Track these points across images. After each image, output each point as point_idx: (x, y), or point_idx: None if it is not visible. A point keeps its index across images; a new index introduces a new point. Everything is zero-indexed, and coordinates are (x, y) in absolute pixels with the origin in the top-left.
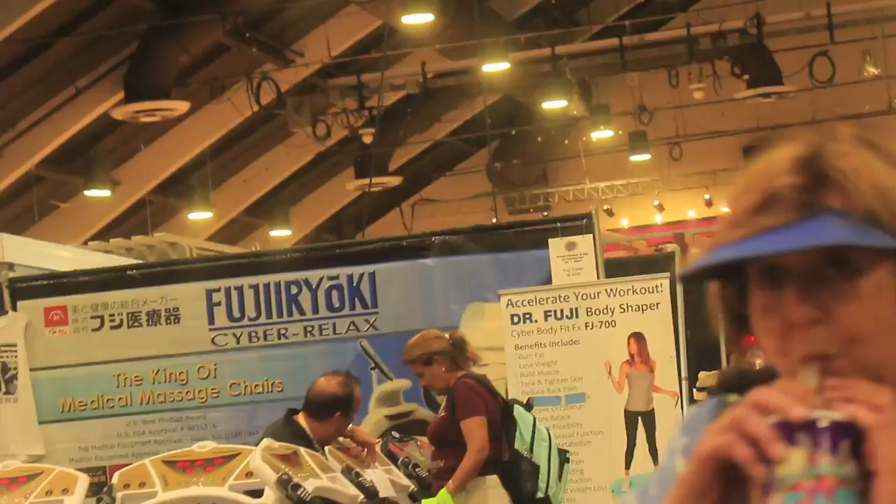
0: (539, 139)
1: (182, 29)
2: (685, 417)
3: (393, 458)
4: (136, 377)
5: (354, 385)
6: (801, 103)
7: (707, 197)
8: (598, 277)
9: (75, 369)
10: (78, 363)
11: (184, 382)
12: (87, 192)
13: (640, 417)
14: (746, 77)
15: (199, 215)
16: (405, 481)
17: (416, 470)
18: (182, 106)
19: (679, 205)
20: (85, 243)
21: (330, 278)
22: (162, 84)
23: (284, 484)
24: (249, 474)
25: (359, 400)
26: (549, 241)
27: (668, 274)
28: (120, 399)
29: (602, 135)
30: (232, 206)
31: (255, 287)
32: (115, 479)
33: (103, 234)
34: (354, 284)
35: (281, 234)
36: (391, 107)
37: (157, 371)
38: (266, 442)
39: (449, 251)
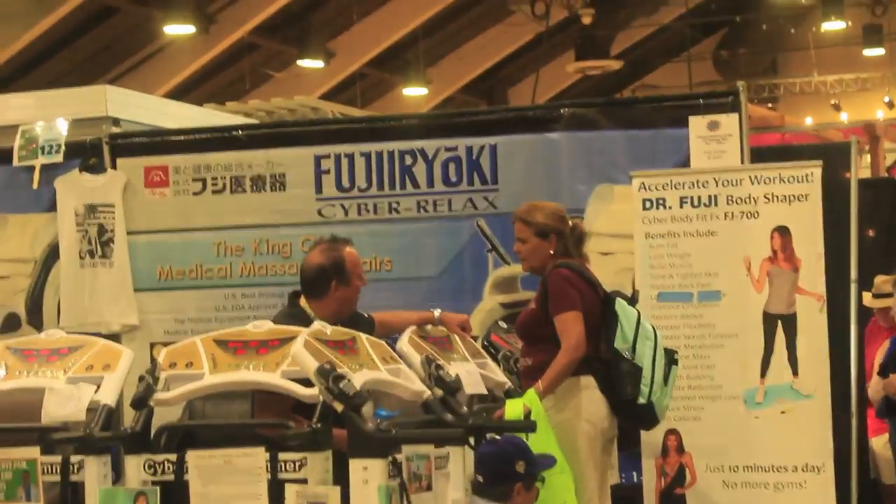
0: (764, 27)
1: None
2: None
3: (495, 351)
4: (237, 247)
5: (342, 247)
6: None
7: None
8: (742, 162)
9: (174, 235)
10: (177, 228)
11: (287, 256)
12: (300, 62)
13: (780, 321)
14: None
15: (414, 91)
16: (501, 377)
17: (517, 366)
18: None
19: None
20: None
21: (448, 149)
22: None
23: (325, 374)
24: None
25: (354, 261)
26: (690, 118)
27: (820, 161)
28: (220, 270)
29: (834, 26)
30: (448, 83)
31: (367, 155)
32: (161, 357)
33: None
34: (474, 157)
35: None
36: None
37: (260, 241)
38: (318, 325)
39: (578, 125)
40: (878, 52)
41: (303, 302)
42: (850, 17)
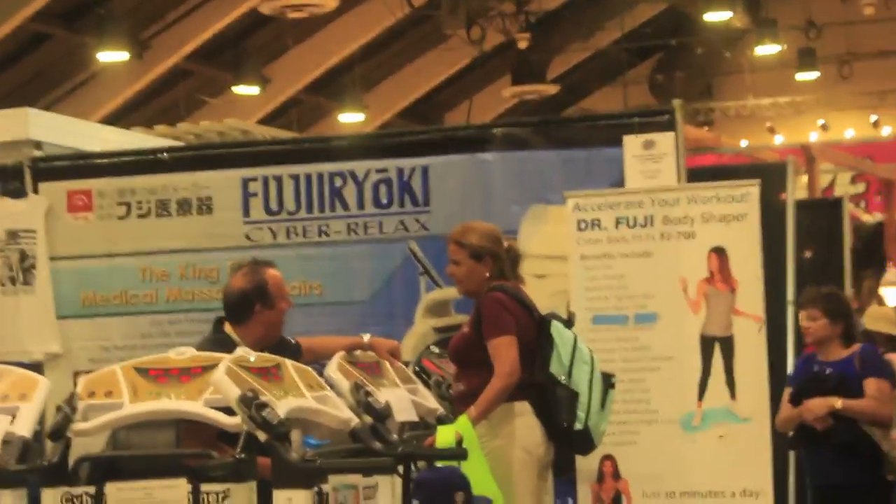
0: (699, 52)
1: None
2: None
3: (427, 376)
4: (163, 272)
5: (264, 270)
6: None
7: (874, 118)
8: (678, 182)
9: (98, 260)
10: (101, 254)
11: (214, 280)
12: (235, 89)
13: (717, 343)
14: None
15: (351, 117)
16: (433, 404)
17: (450, 391)
18: (331, 2)
19: (844, 125)
20: None
21: (378, 171)
22: None
23: (248, 402)
24: None
25: (277, 283)
26: (624, 138)
27: (757, 181)
28: (145, 296)
29: (768, 50)
30: (384, 109)
31: (296, 177)
32: (79, 386)
33: None
34: (405, 179)
35: None
36: (550, 11)
37: (186, 266)
38: (241, 351)
39: (511, 145)
40: (813, 75)
41: (228, 328)
42: (785, 40)
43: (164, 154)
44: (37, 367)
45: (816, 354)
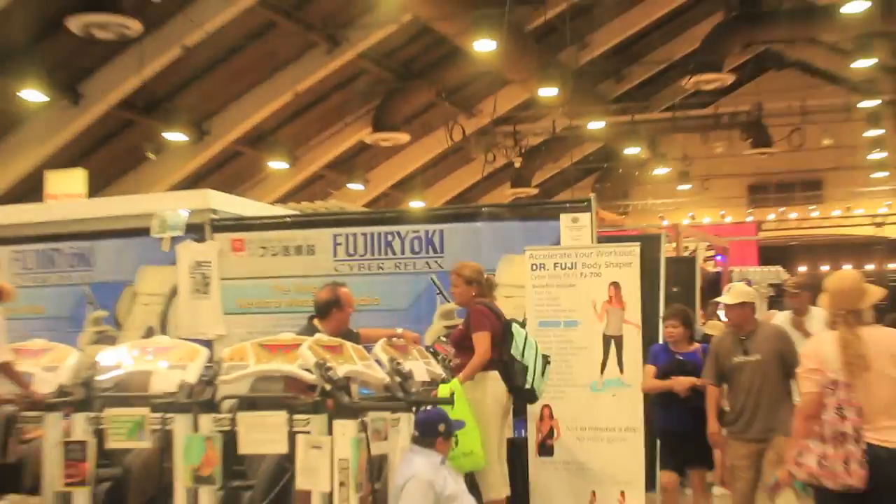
0: (621, 171)
1: (410, 91)
2: None
3: (437, 355)
4: (284, 289)
5: (339, 288)
6: (781, 159)
7: (722, 213)
8: (591, 242)
9: (247, 281)
10: (249, 276)
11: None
12: (348, 185)
13: (612, 340)
14: (750, 140)
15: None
16: (439, 371)
17: (450, 364)
18: (404, 137)
19: (703, 216)
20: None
21: (413, 231)
22: (394, 123)
23: (320, 367)
24: None
25: (347, 298)
26: (561, 215)
27: (638, 244)
28: (274, 302)
29: (660, 171)
30: (438, 200)
31: (366, 234)
32: (224, 354)
33: None
34: (429, 237)
35: None
36: (534, 146)
37: (298, 286)
38: (318, 336)
39: (493, 218)
40: (687, 187)
41: (315, 322)
42: (671, 165)
43: (287, 218)
44: (209, 344)
45: (669, 347)
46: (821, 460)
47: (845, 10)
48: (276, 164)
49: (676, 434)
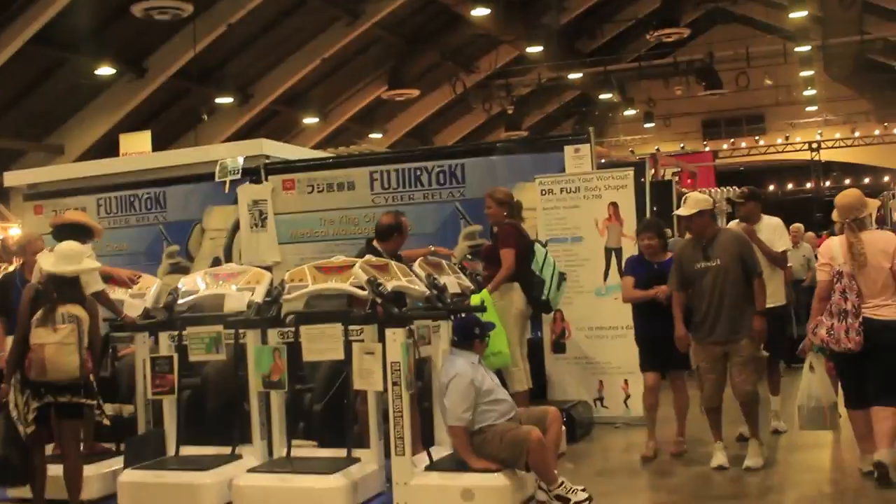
0: (597, 114)
1: (419, 54)
2: None
3: (465, 270)
4: (330, 220)
5: (401, 216)
6: (730, 98)
7: (682, 146)
8: (592, 169)
9: (298, 214)
10: (300, 210)
11: (356, 224)
12: (370, 136)
13: (613, 252)
14: (703, 83)
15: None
16: (468, 283)
17: (477, 277)
18: (415, 92)
19: (667, 149)
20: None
21: (439, 166)
22: (406, 80)
23: (371, 283)
24: None
25: (406, 225)
26: (565, 147)
27: (633, 168)
28: (322, 232)
29: (630, 112)
30: (446, 140)
31: (398, 170)
32: (286, 276)
33: None
34: (452, 170)
35: None
36: (523, 96)
37: (342, 217)
38: (367, 257)
39: (507, 152)
40: (651, 125)
41: (374, 242)
42: (638, 108)
43: (330, 159)
44: (269, 269)
45: (645, 258)
46: (829, 330)
47: None
48: (309, 120)
49: (657, 339)
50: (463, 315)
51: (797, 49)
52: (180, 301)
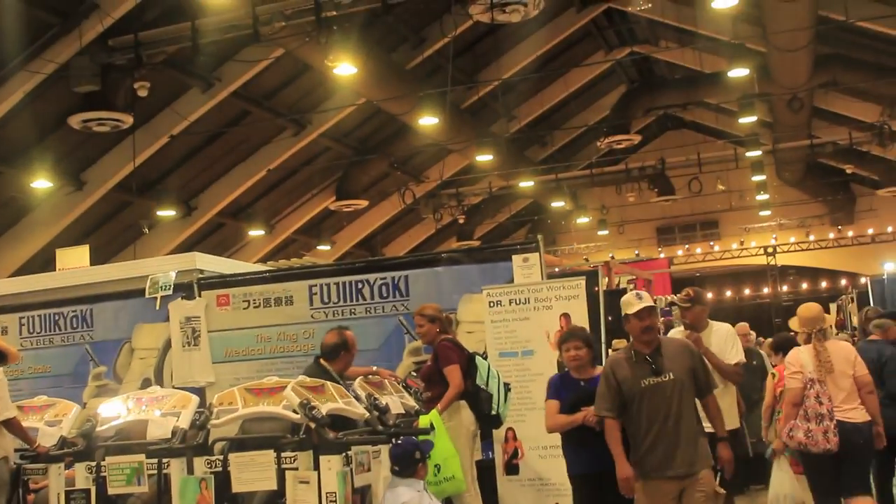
0: (549, 221)
1: (367, 164)
2: None
3: (409, 388)
4: (268, 336)
5: (346, 332)
6: (683, 204)
7: (636, 253)
8: (542, 279)
9: (233, 331)
10: (235, 328)
11: (294, 341)
12: (318, 247)
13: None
14: (656, 190)
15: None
16: (412, 403)
17: (421, 397)
18: (364, 203)
19: (621, 256)
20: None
21: (381, 278)
22: (354, 191)
23: (303, 406)
24: None
25: (352, 341)
26: (513, 256)
27: (584, 277)
28: (259, 350)
29: (582, 220)
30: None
31: (338, 283)
32: (213, 400)
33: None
34: (396, 282)
35: None
36: (475, 204)
37: (280, 334)
38: (300, 377)
39: (452, 262)
40: (605, 233)
41: (323, 362)
42: (591, 215)
43: (266, 274)
44: (200, 391)
45: (571, 375)
46: (807, 433)
47: (731, 74)
48: (255, 232)
49: (593, 477)
50: (398, 440)
51: (748, 154)
52: (99, 428)
